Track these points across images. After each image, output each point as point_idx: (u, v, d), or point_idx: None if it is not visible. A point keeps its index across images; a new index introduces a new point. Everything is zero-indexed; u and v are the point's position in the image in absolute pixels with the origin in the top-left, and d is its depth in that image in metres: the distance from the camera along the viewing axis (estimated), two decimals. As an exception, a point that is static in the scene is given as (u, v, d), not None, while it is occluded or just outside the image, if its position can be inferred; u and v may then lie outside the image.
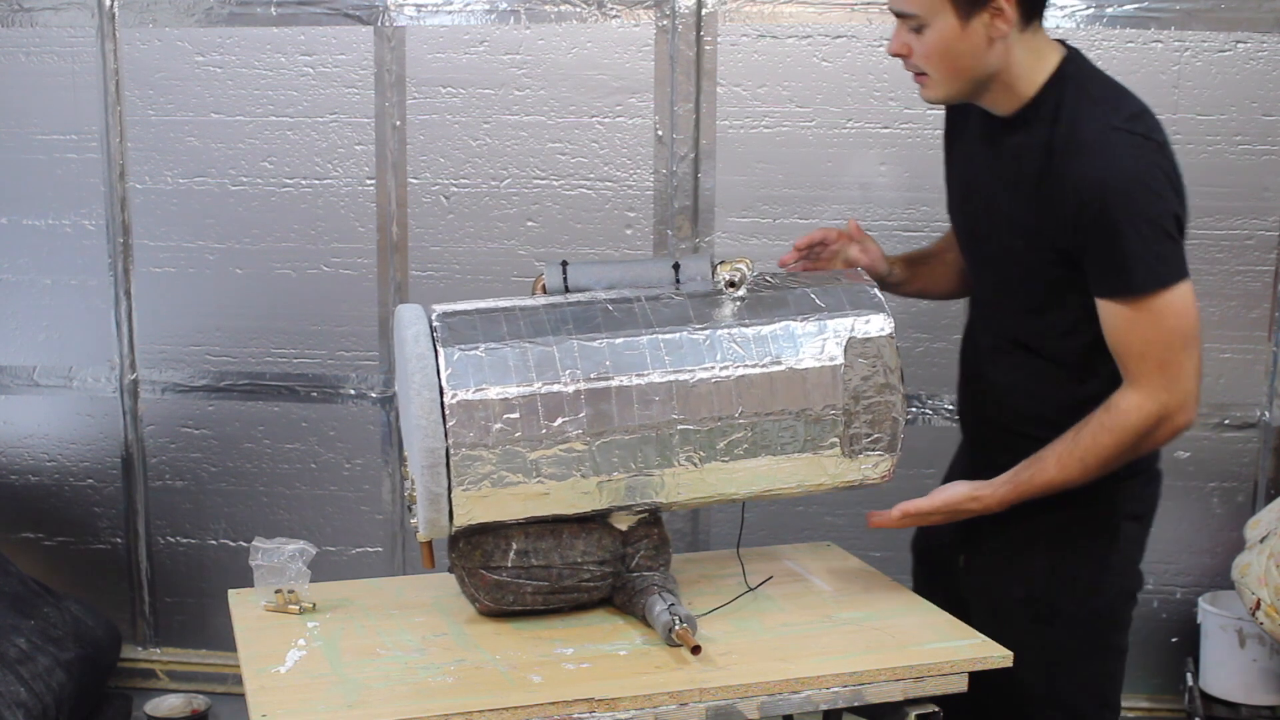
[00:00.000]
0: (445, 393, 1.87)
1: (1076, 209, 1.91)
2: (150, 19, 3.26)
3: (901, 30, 2.01)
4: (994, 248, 2.13)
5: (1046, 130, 1.98)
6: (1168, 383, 1.92)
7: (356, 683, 1.79)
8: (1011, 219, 2.05)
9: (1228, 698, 3.09)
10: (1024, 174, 2.01)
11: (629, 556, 2.03)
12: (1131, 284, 1.91)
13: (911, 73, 2.05)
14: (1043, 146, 1.98)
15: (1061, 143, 1.95)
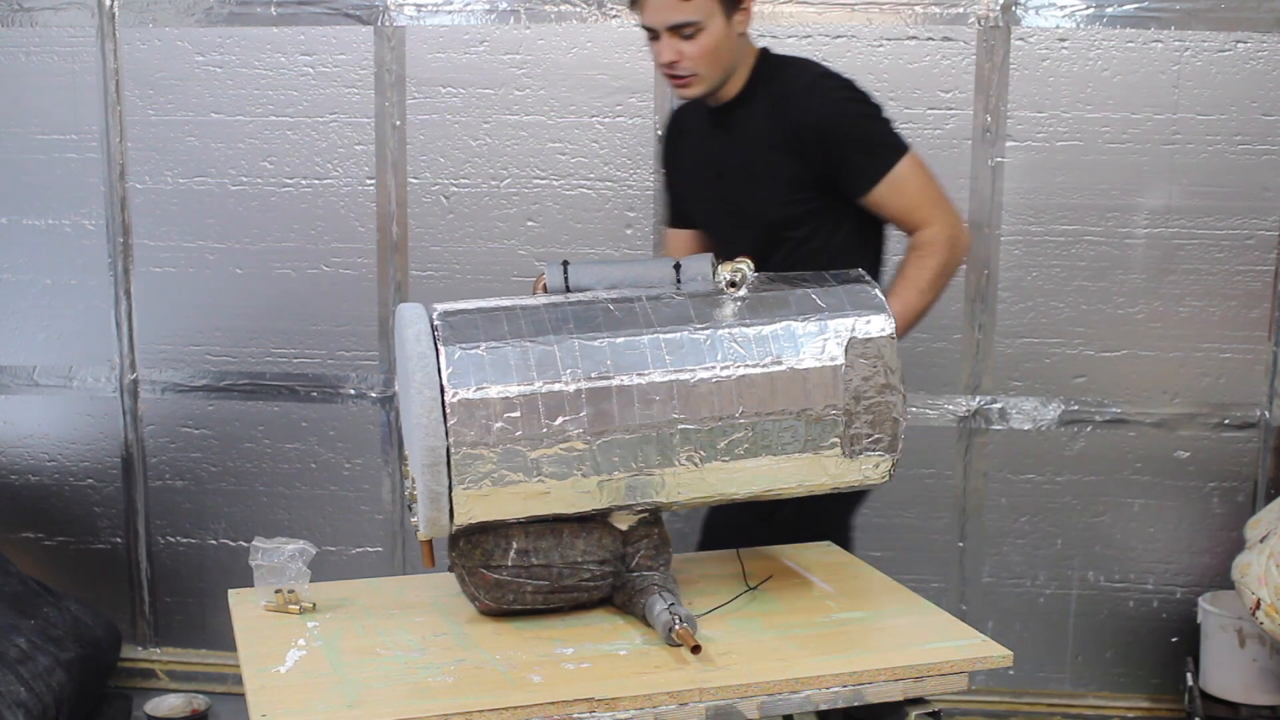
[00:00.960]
0: (446, 391, 1.87)
1: (823, 134, 2.37)
2: (150, 19, 3.26)
3: (670, 41, 2.34)
4: (754, 206, 2.46)
5: (768, 94, 2.41)
6: (944, 212, 2.43)
7: (356, 683, 1.79)
8: (768, 172, 2.42)
9: (1228, 697, 3.09)
10: (765, 132, 2.41)
11: (629, 556, 2.03)
12: (890, 156, 2.39)
13: (674, 77, 2.38)
14: (772, 106, 2.40)
15: (792, 95, 2.40)
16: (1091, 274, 3.17)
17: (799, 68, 2.50)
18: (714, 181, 2.53)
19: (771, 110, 2.42)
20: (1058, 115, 3.11)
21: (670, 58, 2.35)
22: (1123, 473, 3.24)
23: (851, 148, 2.40)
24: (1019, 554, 3.29)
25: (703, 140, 2.54)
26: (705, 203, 2.59)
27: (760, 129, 2.43)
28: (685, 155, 2.61)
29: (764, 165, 2.44)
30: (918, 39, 3.10)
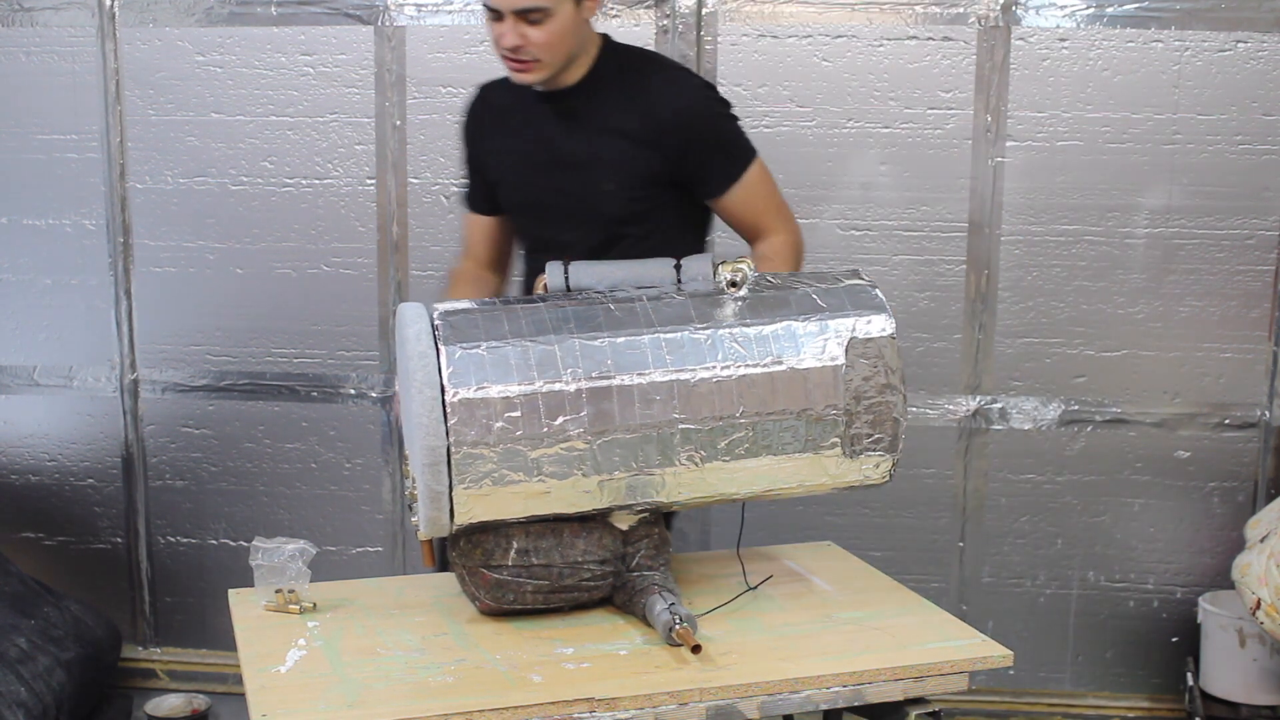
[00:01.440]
0: (447, 391, 1.87)
1: (687, 130, 2.33)
2: (150, 19, 3.26)
3: (515, 25, 2.23)
4: (596, 199, 2.37)
5: (620, 84, 2.35)
6: (788, 219, 2.45)
7: (356, 683, 1.79)
8: (619, 165, 2.35)
9: (1228, 697, 3.09)
10: (619, 123, 2.33)
11: (629, 556, 2.03)
12: (743, 161, 2.41)
13: (515, 61, 2.28)
14: (628, 97, 2.33)
15: (654, 87, 2.35)
16: (1091, 274, 3.17)
17: (655, 61, 2.46)
18: (547, 170, 2.41)
19: (627, 102, 2.34)
20: (1058, 115, 3.11)
21: (514, 42, 2.24)
22: (1123, 473, 3.24)
23: (712, 147, 2.38)
24: (1019, 554, 3.29)
25: (530, 124, 2.41)
26: (531, 191, 2.45)
27: (613, 120, 2.35)
28: (502, 138, 2.47)
29: (615, 157, 2.35)
30: (918, 39, 3.10)
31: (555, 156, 2.39)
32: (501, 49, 2.28)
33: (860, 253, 3.17)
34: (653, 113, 2.33)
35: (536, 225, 2.47)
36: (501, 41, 2.26)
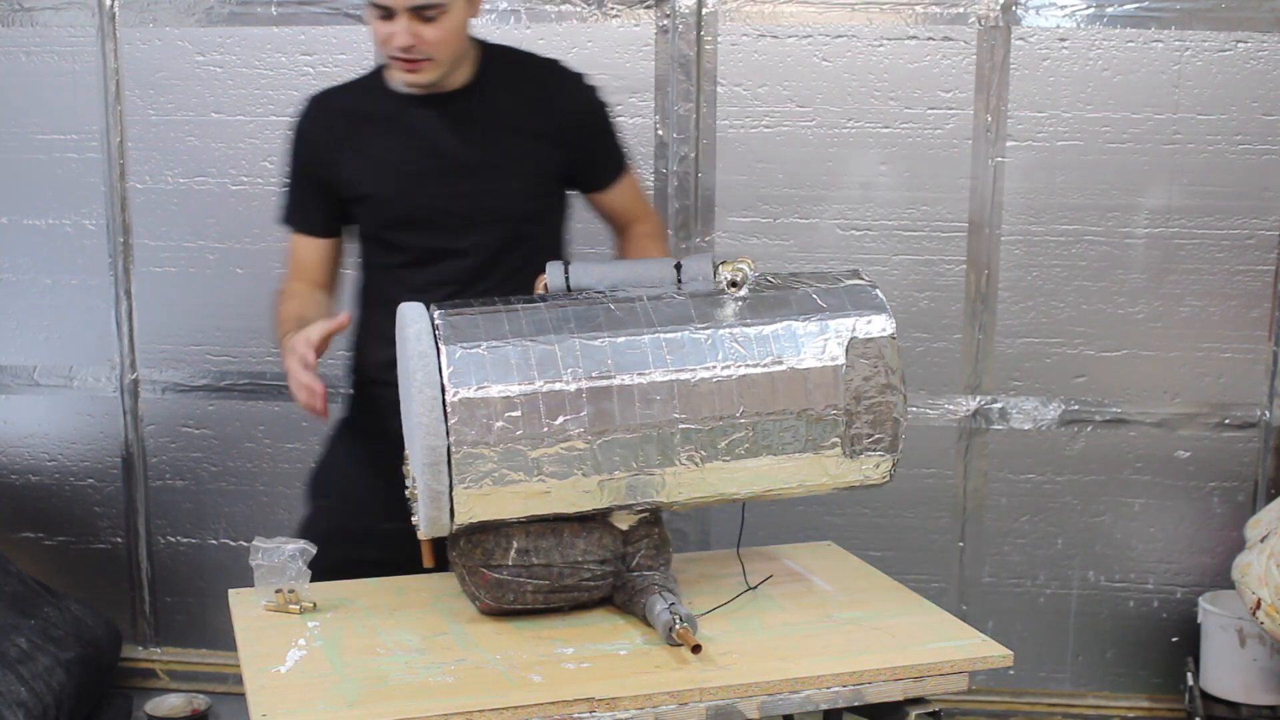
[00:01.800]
0: (447, 390, 1.87)
1: (586, 124, 2.39)
2: (150, 18, 3.25)
3: (409, 23, 2.17)
4: (501, 200, 2.34)
5: (510, 84, 2.33)
6: (649, 204, 2.62)
7: (356, 683, 1.79)
8: (523, 164, 2.34)
9: (1228, 697, 3.09)
10: (518, 122, 2.32)
11: (629, 556, 2.03)
12: (626, 157, 2.49)
13: (407, 61, 2.21)
14: (522, 96, 2.33)
15: (550, 84, 2.37)
16: (1092, 274, 3.17)
17: (541, 59, 2.44)
18: (440, 177, 2.32)
19: (525, 99, 2.33)
20: (1058, 115, 3.11)
21: (407, 41, 2.18)
22: (1123, 473, 3.24)
23: (604, 140, 2.44)
24: (1019, 554, 3.30)
25: (410, 132, 2.32)
26: (419, 202, 2.34)
27: (512, 119, 2.32)
28: (369, 149, 2.34)
29: (518, 156, 2.33)
30: (918, 39, 3.10)
31: (450, 163, 2.32)
32: (391, 49, 2.21)
33: (860, 253, 3.17)
34: (553, 109, 2.34)
35: (425, 237, 2.35)
36: (393, 41, 2.19)
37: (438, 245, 2.34)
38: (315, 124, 2.38)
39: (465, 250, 2.34)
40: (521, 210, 2.36)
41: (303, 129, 2.39)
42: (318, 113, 2.38)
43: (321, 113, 2.38)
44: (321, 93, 2.42)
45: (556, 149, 2.36)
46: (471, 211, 2.33)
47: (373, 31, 2.23)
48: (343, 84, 2.44)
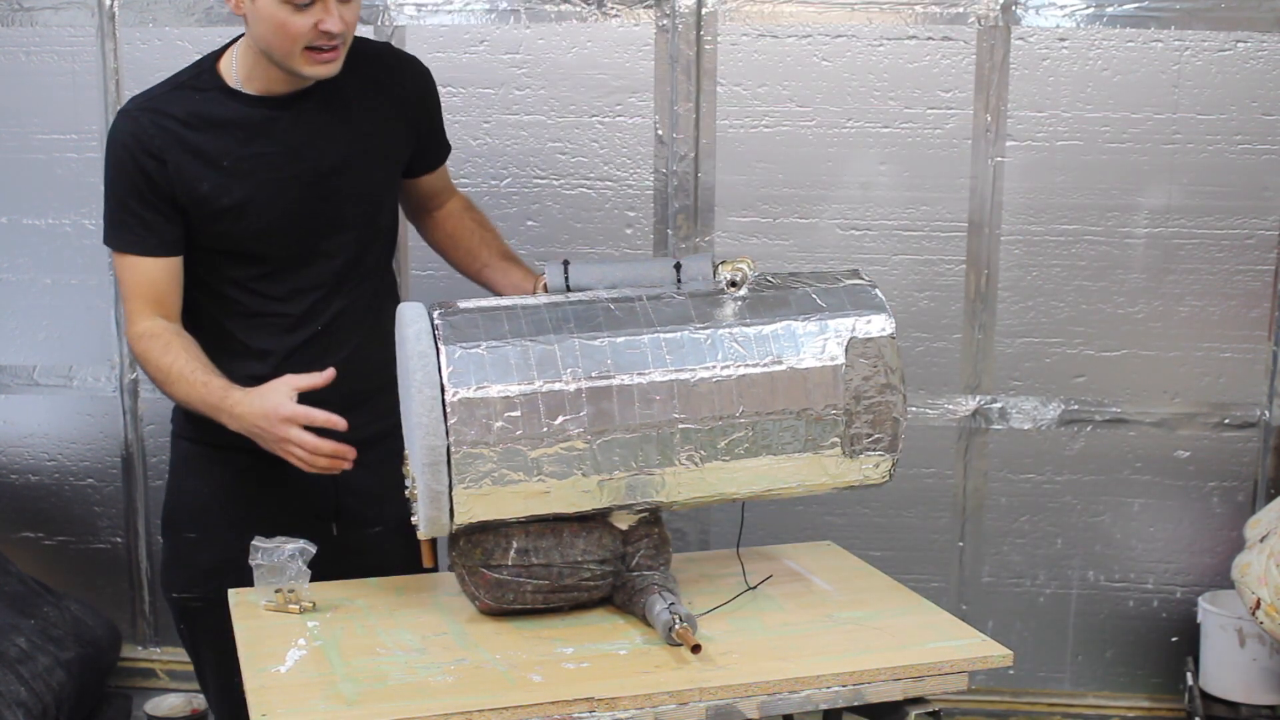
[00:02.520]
0: (447, 390, 1.87)
1: (429, 103, 2.36)
2: (150, 18, 3.25)
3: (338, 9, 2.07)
4: (371, 196, 2.29)
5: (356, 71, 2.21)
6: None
7: (356, 683, 1.79)
8: (389, 156, 2.31)
9: (1228, 697, 3.10)
10: (377, 110, 2.26)
11: (629, 556, 2.03)
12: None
13: (328, 52, 2.11)
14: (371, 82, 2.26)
15: (393, 66, 2.32)
16: (1091, 274, 3.17)
17: (374, 43, 2.39)
18: (308, 179, 2.19)
19: (373, 87, 2.25)
20: (1058, 115, 3.11)
21: (340, 25, 2.06)
22: (1123, 472, 3.24)
23: (440, 119, 2.42)
24: (1019, 554, 3.30)
25: (265, 135, 2.17)
26: (287, 207, 2.19)
27: (364, 109, 2.24)
28: (222, 158, 2.16)
29: (378, 148, 2.27)
30: (918, 39, 3.10)
31: (316, 163, 2.20)
32: (314, 37, 2.06)
33: (860, 253, 3.17)
34: (402, 94, 2.31)
35: (291, 244, 2.22)
36: (322, 25, 2.05)
37: (304, 250, 2.23)
38: (151, 135, 2.13)
39: (332, 252, 2.25)
40: (386, 202, 2.35)
41: (136, 141, 2.13)
42: (151, 123, 2.14)
43: (155, 122, 2.14)
44: (146, 101, 2.18)
45: (408, 132, 2.33)
46: (342, 211, 2.24)
47: (267, 20, 2.05)
48: (166, 89, 2.19)
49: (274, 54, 2.10)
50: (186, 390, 2.12)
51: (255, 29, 2.09)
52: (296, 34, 2.06)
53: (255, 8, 2.06)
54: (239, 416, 2.06)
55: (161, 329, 2.16)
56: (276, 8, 2.04)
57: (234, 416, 2.07)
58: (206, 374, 2.11)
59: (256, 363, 2.22)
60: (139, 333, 2.17)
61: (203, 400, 2.10)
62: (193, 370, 2.11)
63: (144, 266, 2.17)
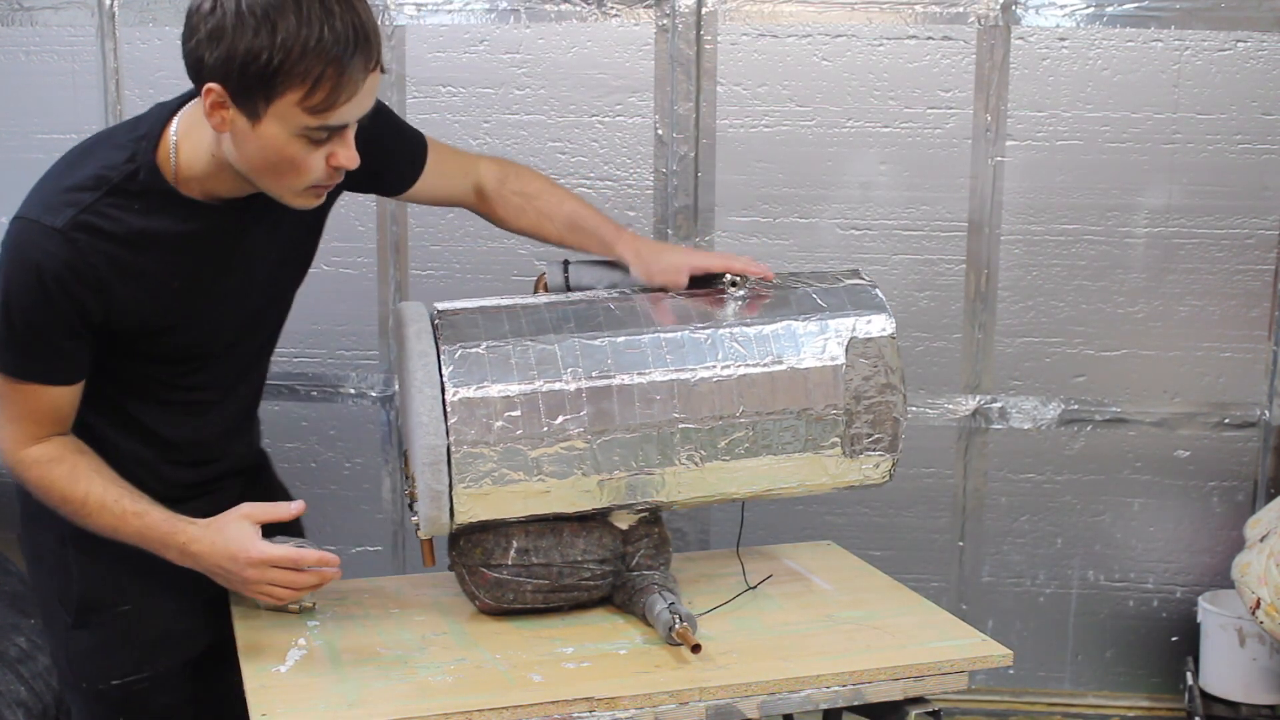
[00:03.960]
0: (447, 390, 1.87)
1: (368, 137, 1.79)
2: (150, 18, 3.25)
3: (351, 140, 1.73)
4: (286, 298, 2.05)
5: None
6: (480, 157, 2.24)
7: (356, 683, 1.79)
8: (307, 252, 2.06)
9: (1228, 697, 3.10)
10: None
11: (629, 555, 2.03)
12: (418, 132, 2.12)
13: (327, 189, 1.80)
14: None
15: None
16: (1091, 273, 3.17)
17: None
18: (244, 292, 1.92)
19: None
20: (1058, 115, 3.11)
21: (357, 162, 1.74)
22: (1123, 472, 3.24)
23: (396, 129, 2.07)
24: (1019, 553, 3.30)
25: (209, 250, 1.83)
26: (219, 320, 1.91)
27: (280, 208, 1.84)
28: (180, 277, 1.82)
29: (307, 248, 2.05)
30: (918, 38, 3.10)
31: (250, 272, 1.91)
32: (330, 174, 1.73)
33: (860, 252, 3.17)
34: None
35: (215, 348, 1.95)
36: (335, 161, 1.71)
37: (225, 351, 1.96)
38: (92, 264, 1.73)
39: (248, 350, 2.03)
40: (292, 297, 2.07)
41: (71, 271, 1.72)
42: (90, 247, 1.73)
43: (95, 246, 1.73)
44: (79, 215, 1.72)
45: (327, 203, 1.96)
46: (266, 315, 2.02)
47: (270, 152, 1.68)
48: (98, 195, 1.74)
49: (262, 184, 1.75)
50: (113, 522, 1.82)
51: (246, 154, 1.70)
52: (309, 172, 1.71)
53: (256, 135, 1.66)
54: (196, 555, 1.82)
55: (59, 451, 1.82)
56: (288, 142, 1.67)
57: (189, 555, 1.82)
58: (136, 501, 1.82)
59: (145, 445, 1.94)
60: (31, 459, 1.82)
61: (138, 534, 1.82)
62: (117, 499, 1.82)
63: (49, 395, 1.81)
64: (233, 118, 1.66)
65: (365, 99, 1.68)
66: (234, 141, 1.69)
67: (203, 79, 1.64)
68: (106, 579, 1.96)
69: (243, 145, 1.69)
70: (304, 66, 1.60)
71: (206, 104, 1.65)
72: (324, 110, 1.64)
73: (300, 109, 1.63)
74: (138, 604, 1.98)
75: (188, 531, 1.82)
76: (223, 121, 1.67)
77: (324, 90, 1.62)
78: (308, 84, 1.61)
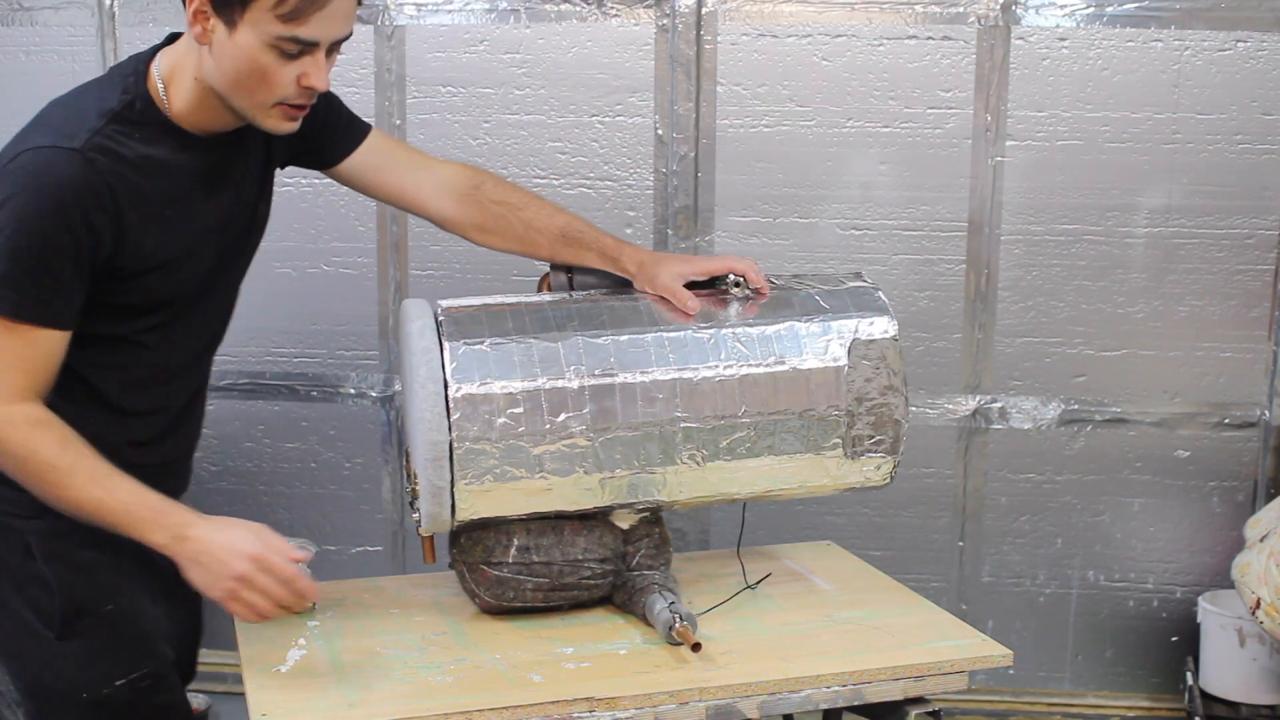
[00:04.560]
0: (450, 386, 1.87)
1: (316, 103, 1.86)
2: (150, 18, 3.25)
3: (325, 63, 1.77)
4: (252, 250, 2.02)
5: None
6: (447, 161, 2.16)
7: (356, 683, 1.79)
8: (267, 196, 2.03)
9: (1228, 697, 3.09)
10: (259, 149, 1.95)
11: (630, 555, 2.03)
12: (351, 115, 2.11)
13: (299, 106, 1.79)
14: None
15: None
16: (1091, 274, 3.17)
17: None
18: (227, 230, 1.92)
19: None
20: (1058, 115, 3.11)
21: (327, 84, 1.77)
22: (1123, 472, 3.24)
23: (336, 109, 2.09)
24: (1019, 553, 3.30)
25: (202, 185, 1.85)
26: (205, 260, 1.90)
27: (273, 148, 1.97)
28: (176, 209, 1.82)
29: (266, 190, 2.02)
30: (918, 38, 3.10)
31: (235, 211, 1.93)
32: (299, 91, 1.75)
33: (860, 253, 3.17)
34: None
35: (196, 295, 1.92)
36: (306, 81, 1.74)
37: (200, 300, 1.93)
38: (111, 184, 1.73)
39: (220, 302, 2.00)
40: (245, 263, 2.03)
41: (90, 191, 1.71)
42: (109, 168, 1.73)
43: (113, 168, 1.73)
44: (93, 138, 1.73)
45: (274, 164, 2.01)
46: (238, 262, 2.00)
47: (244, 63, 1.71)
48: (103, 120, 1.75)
49: (235, 99, 1.75)
50: (99, 495, 1.72)
51: (222, 67, 1.72)
52: (277, 86, 1.73)
53: (232, 44, 1.70)
54: (187, 539, 1.75)
55: (49, 417, 1.74)
56: (260, 51, 1.70)
57: (179, 538, 1.75)
58: (124, 478, 1.75)
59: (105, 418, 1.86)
60: (20, 416, 1.72)
61: (123, 509, 1.73)
62: (108, 473, 1.73)
63: (46, 340, 1.73)
64: (213, 26, 1.70)
65: (338, 19, 1.72)
66: (212, 53, 1.73)
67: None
68: (86, 581, 1.87)
69: (220, 57, 1.72)
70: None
71: (190, 12, 1.71)
72: (294, 19, 1.68)
73: (273, 16, 1.67)
74: (122, 601, 1.90)
75: (185, 516, 1.78)
76: (204, 32, 1.72)
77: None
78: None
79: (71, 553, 1.85)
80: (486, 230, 2.09)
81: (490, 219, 2.09)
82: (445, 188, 2.09)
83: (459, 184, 2.09)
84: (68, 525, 1.79)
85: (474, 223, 2.09)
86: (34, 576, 1.85)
